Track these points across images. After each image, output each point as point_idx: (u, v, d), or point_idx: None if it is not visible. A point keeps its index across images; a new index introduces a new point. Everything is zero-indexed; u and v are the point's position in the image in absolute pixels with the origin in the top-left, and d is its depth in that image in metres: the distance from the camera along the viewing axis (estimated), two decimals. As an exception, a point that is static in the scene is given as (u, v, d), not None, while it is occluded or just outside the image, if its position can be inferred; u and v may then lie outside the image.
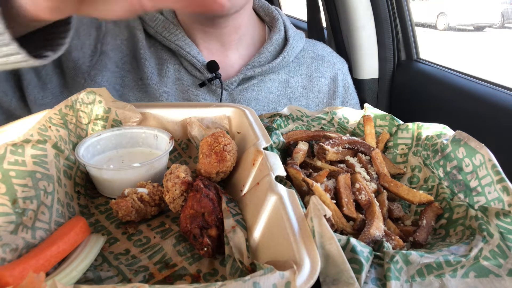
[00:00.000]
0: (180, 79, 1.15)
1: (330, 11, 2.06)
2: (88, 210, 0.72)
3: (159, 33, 1.13)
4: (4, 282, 0.47)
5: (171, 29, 1.13)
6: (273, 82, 1.23)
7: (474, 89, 1.43)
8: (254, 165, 0.68)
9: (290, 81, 1.26)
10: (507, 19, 6.21)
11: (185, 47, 1.12)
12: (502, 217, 0.57)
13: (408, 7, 1.83)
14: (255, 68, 1.17)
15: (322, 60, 1.32)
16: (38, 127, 0.69)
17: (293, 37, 1.24)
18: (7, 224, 0.53)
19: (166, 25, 1.14)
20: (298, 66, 1.29)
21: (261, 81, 1.21)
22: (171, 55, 1.16)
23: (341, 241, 0.53)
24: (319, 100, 1.30)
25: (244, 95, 1.19)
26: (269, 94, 1.23)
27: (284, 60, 1.21)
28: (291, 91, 1.26)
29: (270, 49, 1.21)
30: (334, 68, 1.33)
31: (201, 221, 0.61)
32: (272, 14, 1.28)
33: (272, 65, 1.18)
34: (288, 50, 1.21)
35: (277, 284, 0.42)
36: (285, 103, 1.24)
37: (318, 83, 1.30)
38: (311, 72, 1.30)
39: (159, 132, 0.84)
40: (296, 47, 1.25)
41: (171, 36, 1.12)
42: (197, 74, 1.14)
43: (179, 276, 0.57)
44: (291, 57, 1.23)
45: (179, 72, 1.16)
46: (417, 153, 0.83)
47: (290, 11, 3.83)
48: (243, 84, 1.19)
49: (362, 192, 0.68)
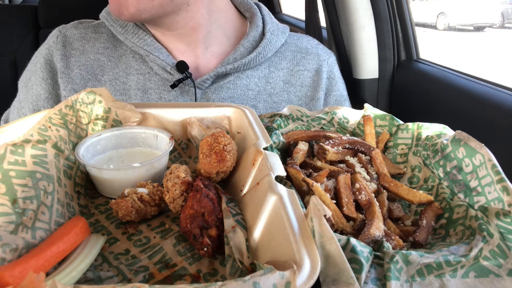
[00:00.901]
0: (146, 90, 1.15)
1: (330, 11, 2.06)
2: (88, 210, 0.72)
3: (129, 39, 1.13)
4: (4, 282, 0.47)
5: (140, 34, 1.13)
6: (252, 79, 1.21)
7: (474, 89, 1.43)
8: (254, 165, 0.68)
9: (270, 76, 1.24)
10: (507, 19, 6.20)
11: (153, 51, 1.12)
12: (502, 217, 0.57)
13: (408, 7, 1.83)
14: (228, 65, 1.15)
15: (305, 53, 1.29)
16: (38, 127, 0.69)
17: (271, 32, 1.21)
18: (7, 224, 0.53)
19: (136, 31, 1.14)
20: (280, 60, 1.26)
21: (238, 78, 1.19)
22: (140, 62, 1.16)
23: (341, 241, 0.53)
24: (302, 94, 1.27)
25: (219, 94, 1.17)
26: (247, 91, 1.20)
27: (259, 56, 1.18)
28: (272, 86, 1.23)
29: (246, 45, 1.18)
30: (318, 59, 1.30)
31: (201, 221, 0.61)
32: (251, 9, 1.26)
33: (246, 60, 1.15)
34: (264, 45, 1.18)
35: (277, 284, 0.42)
36: (266, 99, 1.22)
37: (300, 77, 1.27)
38: (293, 66, 1.27)
39: (159, 132, 0.84)
40: (275, 42, 1.22)
41: (140, 42, 1.13)
42: (169, 77, 1.14)
43: (179, 276, 0.57)
44: (269, 52, 1.20)
45: (144, 82, 1.15)
46: (417, 153, 0.83)
47: (290, 11, 3.83)
48: (218, 82, 1.17)
49: (362, 192, 0.68)
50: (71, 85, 1.15)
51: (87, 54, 1.18)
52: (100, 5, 1.23)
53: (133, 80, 1.15)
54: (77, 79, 1.16)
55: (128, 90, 1.15)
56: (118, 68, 1.17)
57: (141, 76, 1.16)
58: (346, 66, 2.05)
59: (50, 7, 2.45)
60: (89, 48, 1.18)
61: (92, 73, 1.17)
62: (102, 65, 1.17)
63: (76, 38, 1.19)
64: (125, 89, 1.15)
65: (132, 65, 1.16)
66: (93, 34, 1.20)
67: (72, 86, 1.15)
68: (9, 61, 2.43)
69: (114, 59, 1.18)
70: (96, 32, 1.21)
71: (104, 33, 1.20)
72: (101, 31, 1.21)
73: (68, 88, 1.15)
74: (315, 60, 1.29)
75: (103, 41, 1.19)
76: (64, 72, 1.16)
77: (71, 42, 1.18)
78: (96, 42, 1.19)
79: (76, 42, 1.18)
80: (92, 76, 1.17)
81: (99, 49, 1.18)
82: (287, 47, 1.29)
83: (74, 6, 2.41)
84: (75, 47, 1.18)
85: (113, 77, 1.16)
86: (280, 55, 1.26)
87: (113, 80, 1.16)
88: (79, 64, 1.17)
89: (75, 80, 1.16)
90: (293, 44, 1.30)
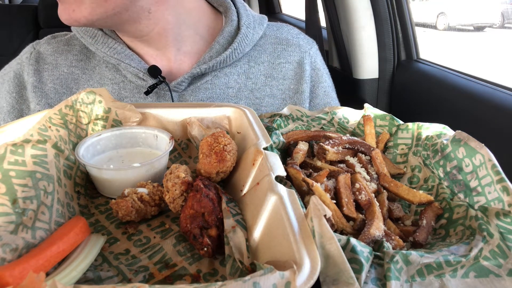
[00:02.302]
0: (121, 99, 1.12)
1: (330, 11, 2.06)
2: (88, 210, 0.72)
3: (100, 49, 1.10)
4: (4, 282, 0.47)
5: (110, 43, 1.10)
6: (231, 76, 1.17)
7: (474, 89, 1.43)
8: (254, 165, 0.68)
9: (250, 71, 1.18)
10: (507, 19, 6.20)
11: (124, 59, 1.09)
12: (502, 217, 0.57)
13: (408, 7, 1.83)
14: (203, 65, 1.11)
15: (286, 44, 1.24)
16: (38, 127, 0.69)
17: (246, 25, 1.15)
18: (7, 224, 0.53)
19: (105, 40, 1.10)
20: (260, 54, 1.21)
21: (215, 77, 1.15)
22: (114, 71, 1.13)
23: (341, 241, 0.53)
24: (285, 87, 1.22)
25: (196, 95, 1.14)
26: (227, 89, 1.16)
27: (236, 52, 1.12)
28: (253, 82, 1.19)
29: (222, 42, 1.13)
30: (300, 51, 1.24)
31: (201, 221, 0.61)
32: (224, 3, 1.20)
33: (221, 58, 1.10)
34: (239, 40, 1.12)
35: (277, 284, 0.42)
36: (247, 96, 1.18)
37: (282, 70, 1.22)
38: (274, 59, 1.22)
39: (159, 132, 0.84)
40: (252, 35, 1.17)
41: (110, 51, 1.09)
42: (143, 83, 1.11)
43: (179, 276, 0.57)
44: (246, 46, 1.15)
45: (119, 91, 1.13)
46: (417, 153, 0.83)
47: (290, 11, 3.83)
48: (194, 83, 1.14)
49: (362, 192, 0.68)
50: (45, 100, 1.13)
51: (60, 68, 1.15)
52: None
53: (108, 90, 1.10)
54: (51, 93, 1.13)
55: None
56: (92, 79, 1.14)
57: (115, 85, 1.13)
58: (346, 66, 2.05)
59: (50, 7, 2.45)
60: (62, 62, 1.15)
61: (67, 87, 1.14)
62: (76, 78, 1.15)
63: (49, 53, 1.16)
64: None
65: (106, 75, 1.13)
66: (66, 47, 1.17)
67: (46, 100, 1.13)
68: (9, 61, 2.43)
69: (88, 71, 1.15)
70: (68, 45, 1.18)
71: (77, 45, 1.18)
72: (73, 43, 1.18)
73: (42, 103, 1.12)
74: (296, 51, 1.24)
75: (76, 53, 1.16)
76: (37, 87, 1.13)
77: (44, 58, 1.16)
78: (69, 55, 1.16)
79: (49, 57, 1.16)
80: (67, 90, 1.14)
81: (72, 61, 1.16)
82: (267, 40, 1.24)
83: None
84: (48, 62, 1.15)
85: None
86: (259, 49, 1.21)
87: None
88: (53, 78, 1.14)
89: (49, 95, 1.13)
90: (272, 36, 1.25)
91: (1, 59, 2.46)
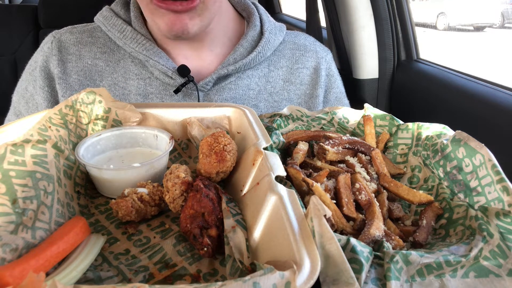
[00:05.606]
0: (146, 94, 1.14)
1: (330, 11, 2.06)
2: (88, 210, 0.72)
3: (128, 44, 1.12)
4: (4, 282, 0.47)
5: (139, 39, 1.12)
6: (252, 78, 1.21)
7: (474, 89, 1.43)
8: (254, 165, 0.68)
9: (270, 75, 1.24)
10: (507, 19, 6.21)
11: (153, 56, 1.11)
12: (502, 217, 0.57)
13: (408, 7, 1.83)
14: (229, 66, 1.15)
15: (304, 50, 1.29)
16: (38, 127, 0.69)
17: (269, 31, 1.22)
18: (7, 224, 0.53)
19: (134, 36, 1.13)
20: (279, 58, 1.26)
21: (238, 79, 1.19)
22: (140, 67, 1.15)
23: (341, 241, 0.53)
24: (301, 92, 1.27)
25: (221, 95, 1.17)
26: (248, 91, 1.20)
27: (259, 55, 1.18)
28: (272, 86, 1.23)
29: (245, 46, 1.19)
30: (316, 57, 1.30)
31: (201, 221, 0.61)
32: (248, 9, 1.25)
33: (246, 61, 1.15)
34: (263, 44, 1.18)
35: (277, 284, 0.42)
36: (266, 98, 1.22)
37: (300, 75, 1.27)
38: (292, 64, 1.27)
39: (159, 132, 0.84)
40: (273, 40, 1.22)
41: (139, 47, 1.12)
42: (170, 81, 1.13)
43: (179, 276, 0.57)
44: (268, 51, 1.21)
45: (145, 87, 1.15)
46: (417, 153, 0.83)
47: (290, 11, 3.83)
48: (219, 84, 1.17)
49: (362, 192, 0.68)
50: (70, 92, 1.14)
51: (84, 59, 1.16)
52: (99, 5, 1.22)
53: (133, 85, 1.14)
54: (75, 85, 1.15)
55: (127, 95, 1.14)
56: (116, 73, 1.16)
57: (141, 81, 1.15)
58: (346, 66, 2.05)
59: (50, 7, 2.45)
60: (85, 53, 1.17)
61: (91, 79, 1.16)
62: (100, 70, 1.16)
63: (71, 43, 1.17)
64: (124, 94, 1.15)
65: (131, 69, 1.16)
66: (89, 39, 1.19)
67: (71, 92, 1.14)
68: (9, 61, 2.43)
69: (112, 63, 1.17)
70: (92, 36, 1.19)
71: (101, 37, 1.19)
72: (97, 35, 1.19)
73: (67, 95, 1.14)
74: (313, 57, 1.29)
75: (100, 45, 1.18)
76: (62, 78, 1.15)
77: (66, 47, 1.17)
78: (93, 47, 1.18)
79: (72, 47, 1.17)
80: (91, 82, 1.16)
81: (96, 54, 1.17)
82: (285, 45, 1.28)
83: (74, 6, 2.41)
84: (71, 52, 1.17)
85: (112, 82, 1.15)
86: (278, 54, 1.26)
87: (112, 85, 1.15)
88: (77, 70, 1.16)
89: (74, 86, 1.15)
90: (291, 41, 1.30)
91: (1, 59, 2.47)
